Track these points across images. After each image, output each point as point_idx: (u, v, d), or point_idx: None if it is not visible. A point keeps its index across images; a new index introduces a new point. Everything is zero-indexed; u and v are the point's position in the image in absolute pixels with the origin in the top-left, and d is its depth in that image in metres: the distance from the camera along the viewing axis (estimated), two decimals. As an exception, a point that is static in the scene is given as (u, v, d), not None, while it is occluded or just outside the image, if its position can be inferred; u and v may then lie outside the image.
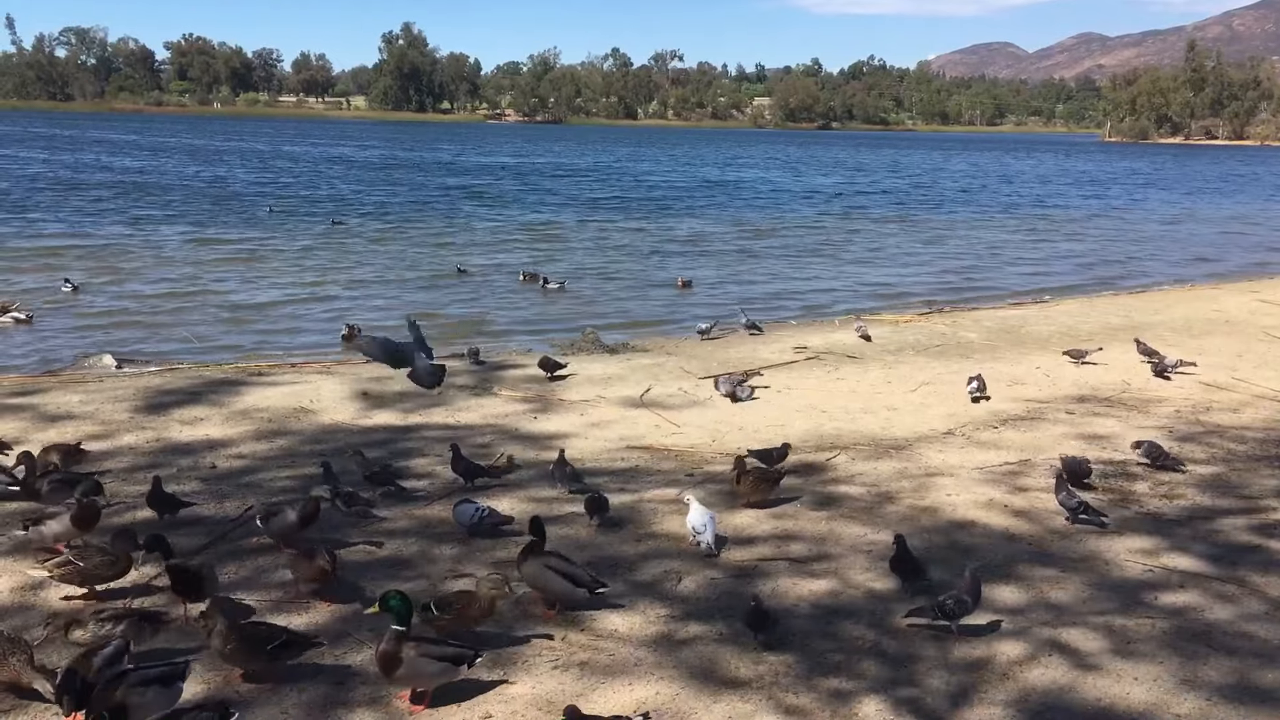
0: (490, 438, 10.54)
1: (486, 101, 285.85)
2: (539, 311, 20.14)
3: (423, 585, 6.92)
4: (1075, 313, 20.01)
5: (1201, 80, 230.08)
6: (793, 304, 21.77)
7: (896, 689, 5.75)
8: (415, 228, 33.69)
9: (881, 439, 10.86)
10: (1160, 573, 7.34)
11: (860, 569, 7.31)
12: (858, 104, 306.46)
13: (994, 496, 8.92)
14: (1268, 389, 13.24)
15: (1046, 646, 6.26)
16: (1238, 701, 5.66)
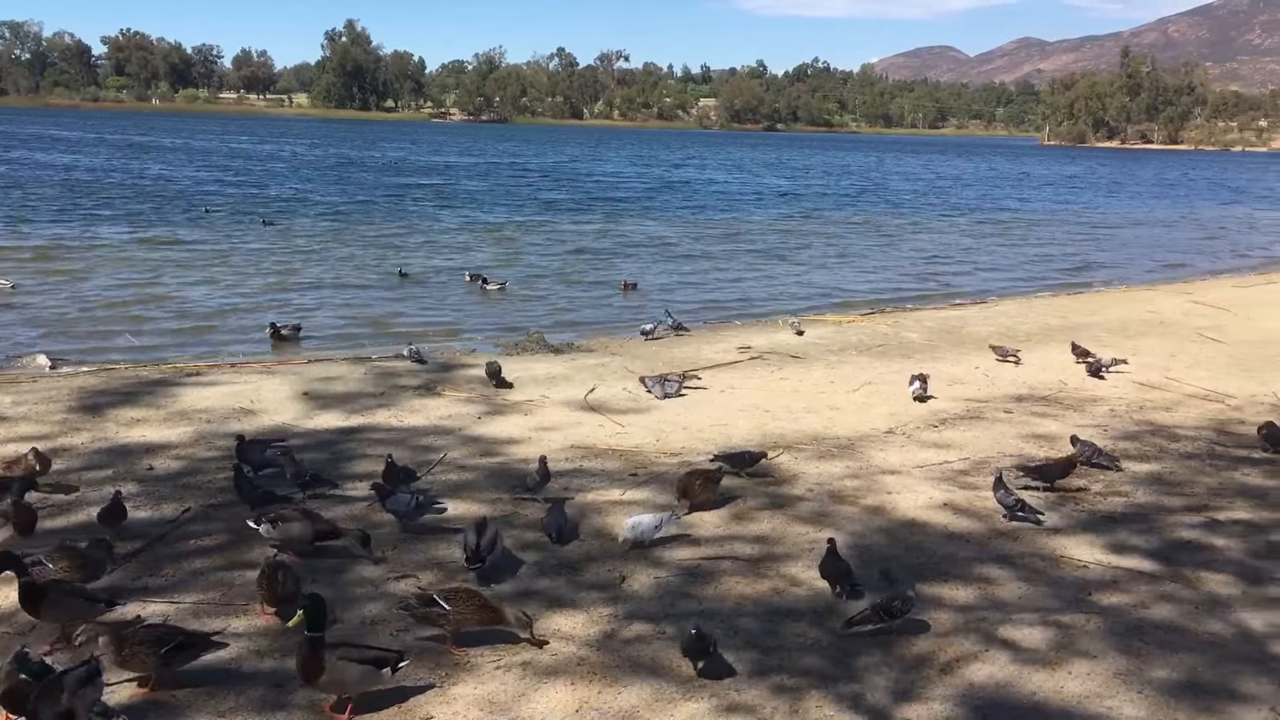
0: (435, 439, 10.46)
1: (431, 100, 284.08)
2: (484, 312, 20.03)
3: (366, 590, 6.87)
4: (1014, 313, 20.31)
5: (1137, 85, 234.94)
6: (740, 305, 21.84)
7: (841, 685, 5.80)
8: (364, 228, 33.24)
9: (824, 438, 10.94)
10: (1099, 569, 7.48)
11: (804, 568, 7.36)
12: (802, 106, 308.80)
13: (935, 495, 9.03)
14: (1200, 388, 13.53)
15: (988, 643, 6.35)
16: (1174, 696, 5.78)
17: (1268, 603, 6.94)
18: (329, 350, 15.78)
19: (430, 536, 7.81)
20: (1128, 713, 5.61)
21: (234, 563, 7.20)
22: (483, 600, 6.17)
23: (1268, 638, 6.46)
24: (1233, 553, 7.81)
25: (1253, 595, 7.06)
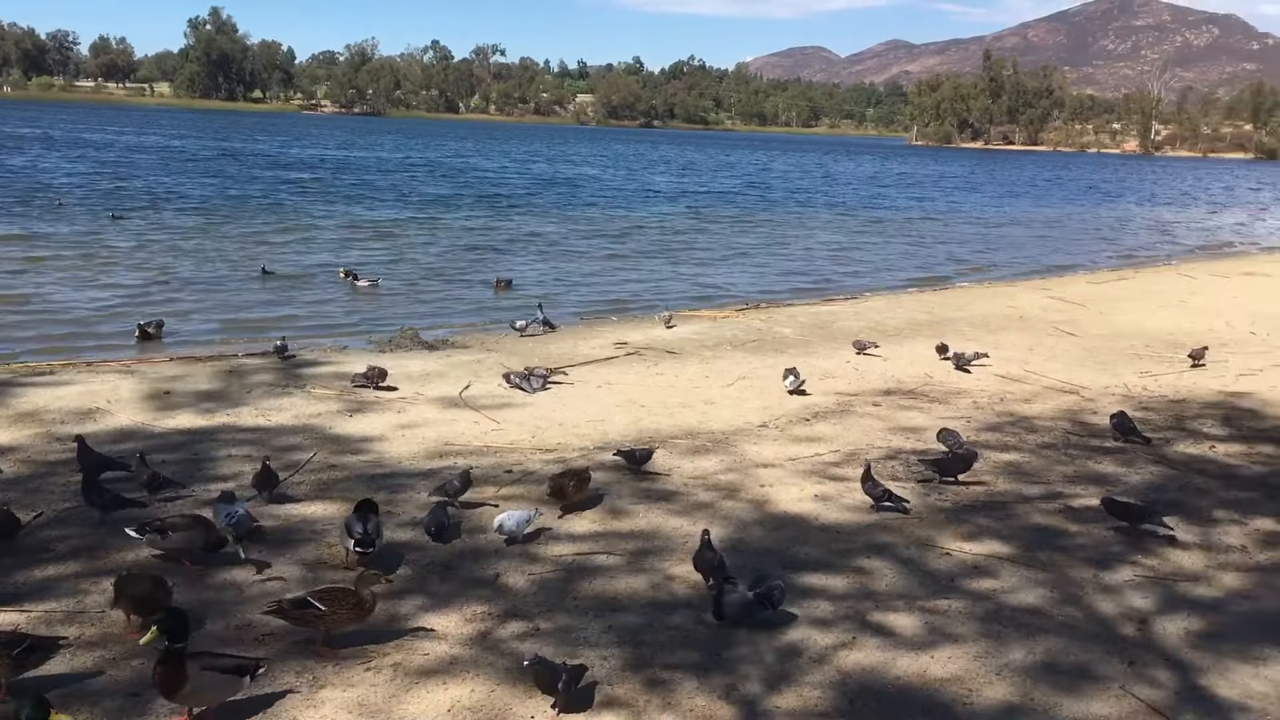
0: (300, 439, 10.21)
1: (301, 91, 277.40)
2: (356, 309, 19.65)
3: (230, 595, 6.68)
4: (884, 309, 20.81)
5: (999, 88, 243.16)
6: (618, 301, 21.87)
7: (716, 677, 5.85)
8: (235, 223, 32.10)
9: (699, 433, 11.04)
10: (962, 556, 7.71)
11: (678, 561, 7.41)
12: (679, 103, 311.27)
13: (807, 487, 9.19)
14: (1056, 380, 14.07)
15: (858, 630, 6.48)
16: (1032, 677, 5.99)
17: (1117, 587, 7.25)
18: (194, 348, 15.25)
19: (296, 537, 7.62)
20: (988, 694, 5.79)
21: (89, 570, 6.91)
22: (357, 597, 6.06)
23: (1117, 620, 6.75)
24: (1085, 539, 8.14)
25: (1103, 580, 7.36)
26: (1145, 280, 26.91)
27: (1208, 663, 6.21)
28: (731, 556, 7.27)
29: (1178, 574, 7.50)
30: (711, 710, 5.53)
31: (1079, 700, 5.76)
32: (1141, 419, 11.56)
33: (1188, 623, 6.73)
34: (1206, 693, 5.87)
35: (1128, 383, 14.10)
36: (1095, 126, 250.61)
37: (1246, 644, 6.46)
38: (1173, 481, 9.64)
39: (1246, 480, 9.79)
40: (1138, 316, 19.98)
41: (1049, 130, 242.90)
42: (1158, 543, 8.05)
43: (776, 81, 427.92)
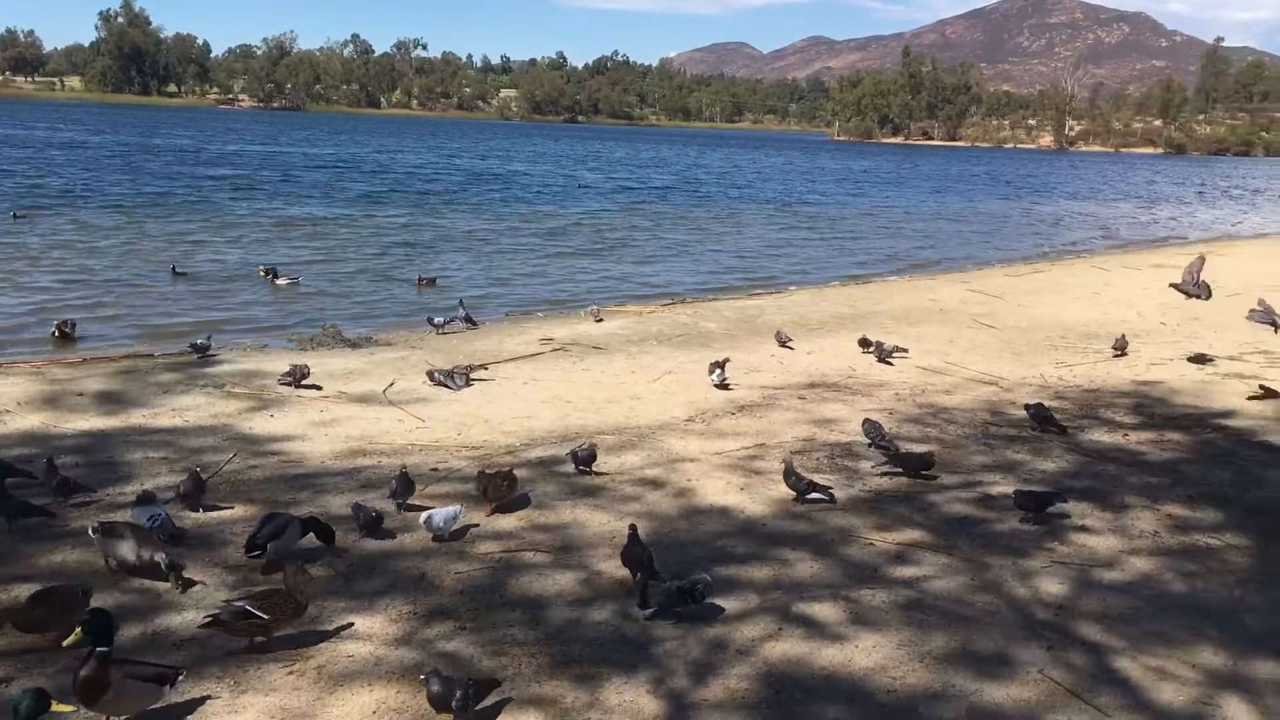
0: (216, 439, 10.01)
1: (217, 86, 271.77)
2: (278, 307, 19.31)
3: (145, 600, 6.53)
4: (807, 303, 21.01)
5: (918, 84, 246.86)
6: (545, 297, 21.76)
7: (642, 671, 5.87)
8: (155, 221, 31.17)
9: (626, 428, 11.05)
10: (885, 546, 7.82)
11: (605, 557, 7.41)
12: (603, 98, 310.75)
13: (733, 480, 9.24)
14: (975, 372, 14.34)
15: (783, 622, 6.54)
16: (953, 664, 6.10)
17: (1033, 573, 7.41)
18: (110, 349, 14.88)
19: (215, 540, 7.48)
20: (911, 682, 5.89)
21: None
22: (293, 600, 6.00)
23: (1034, 605, 6.90)
24: (1003, 526, 8.31)
25: (1020, 566, 7.52)
26: (1060, 273, 27.51)
27: (1122, 645, 6.37)
28: (658, 551, 7.28)
29: (1092, 559, 7.68)
30: (639, 705, 5.54)
31: (999, 685, 5.88)
32: (1057, 408, 11.83)
33: (1102, 606, 6.90)
34: (1121, 674, 6.03)
35: (1044, 373, 14.41)
36: (1012, 122, 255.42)
37: (1158, 625, 6.64)
38: (1086, 469, 9.87)
39: (1157, 466, 10.06)
40: (1053, 308, 20.43)
41: (967, 126, 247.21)
42: (1072, 530, 8.25)
43: (700, 77, 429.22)
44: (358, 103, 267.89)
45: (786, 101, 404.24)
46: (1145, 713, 5.66)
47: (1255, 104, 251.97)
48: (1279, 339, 17.05)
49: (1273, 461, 10.29)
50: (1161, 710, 5.69)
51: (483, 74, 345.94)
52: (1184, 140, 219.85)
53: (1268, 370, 14.64)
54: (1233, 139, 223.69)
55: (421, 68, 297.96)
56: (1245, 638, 6.52)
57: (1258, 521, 8.58)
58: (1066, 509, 8.48)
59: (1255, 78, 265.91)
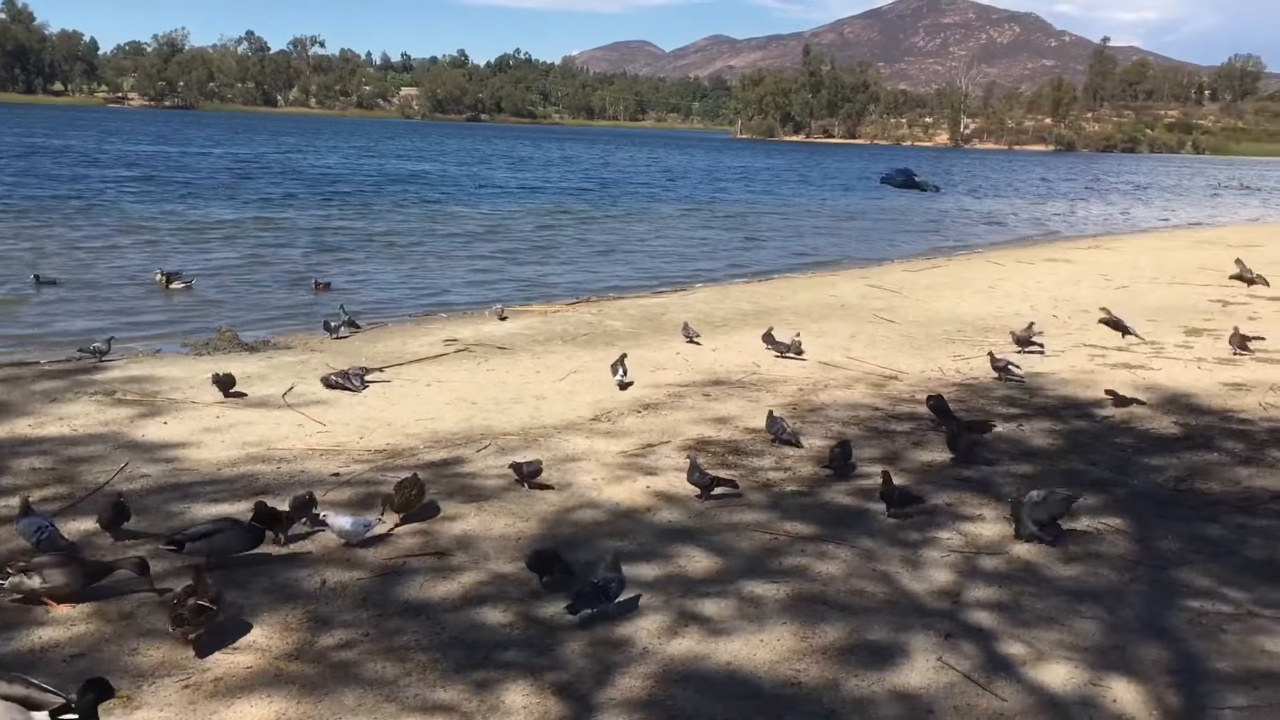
0: (104, 448, 9.70)
1: (106, 84, 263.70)
2: (172, 312, 18.81)
3: (12, 616, 6.30)
4: (712, 300, 21.16)
5: (818, 83, 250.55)
6: (451, 297, 21.53)
7: (542, 674, 5.84)
8: (47, 226, 29.77)
9: (531, 429, 10.99)
10: (784, 540, 7.90)
11: (507, 560, 7.36)
12: (506, 96, 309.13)
13: (638, 479, 9.25)
14: (876, 366, 14.58)
15: (686, 618, 6.57)
16: (853, 655, 6.18)
17: (926, 563, 7.56)
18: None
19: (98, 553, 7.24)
20: (814, 674, 5.96)
21: None
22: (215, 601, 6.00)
23: (928, 595, 7.04)
24: (900, 518, 8.46)
25: (914, 557, 7.66)
26: (957, 268, 28.15)
27: (1014, 631, 6.53)
28: (563, 552, 7.26)
29: (983, 548, 7.86)
30: (545, 708, 5.51)
31: (899, 673, 5.98)
32: (955, 400, 12.09)
33: (994, 594, 7.06)
34: (1014, 660, 6.18)
35: (943, 366, 14.71)
36: (909, 120, 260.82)
37: (1048, 611, 6.83)
38: (979, 458, 10.09)
39: (1045, 455, 10.34)
40: (950, 303, 20.88)
41: (866, 124, 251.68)
42: (963, 519, 8.43)
43: (603, 75, 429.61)
44: (253, 101, 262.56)
45: (689, 100, 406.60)
46: (1039, 696, 5.81)
47: (1140, 102, 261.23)
48: (1164, 330, 17.67)
49: (1150, 448, 10.65)
50: (1054, 693, 5.84)
51: (383, 72, 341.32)
52: (1073, 138, 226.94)
53: (1154, 360, 15.16)
54: (1119, 136, 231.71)
55: (319, 65, 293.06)
56: (1130, 620, 6.74)
57: (1136, 506, 8.87)
58: (925, 506, 8.61)
59: (1140, 76, 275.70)
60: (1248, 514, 8.72)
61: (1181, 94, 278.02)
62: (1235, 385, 13.56)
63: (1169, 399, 12.76)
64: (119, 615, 6.37)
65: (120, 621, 6.29)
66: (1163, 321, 18.59)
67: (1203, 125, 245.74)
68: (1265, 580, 7.38)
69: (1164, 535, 8.21)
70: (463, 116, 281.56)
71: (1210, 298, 22.11)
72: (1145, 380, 13.81)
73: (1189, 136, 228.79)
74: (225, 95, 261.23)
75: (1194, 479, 9.67)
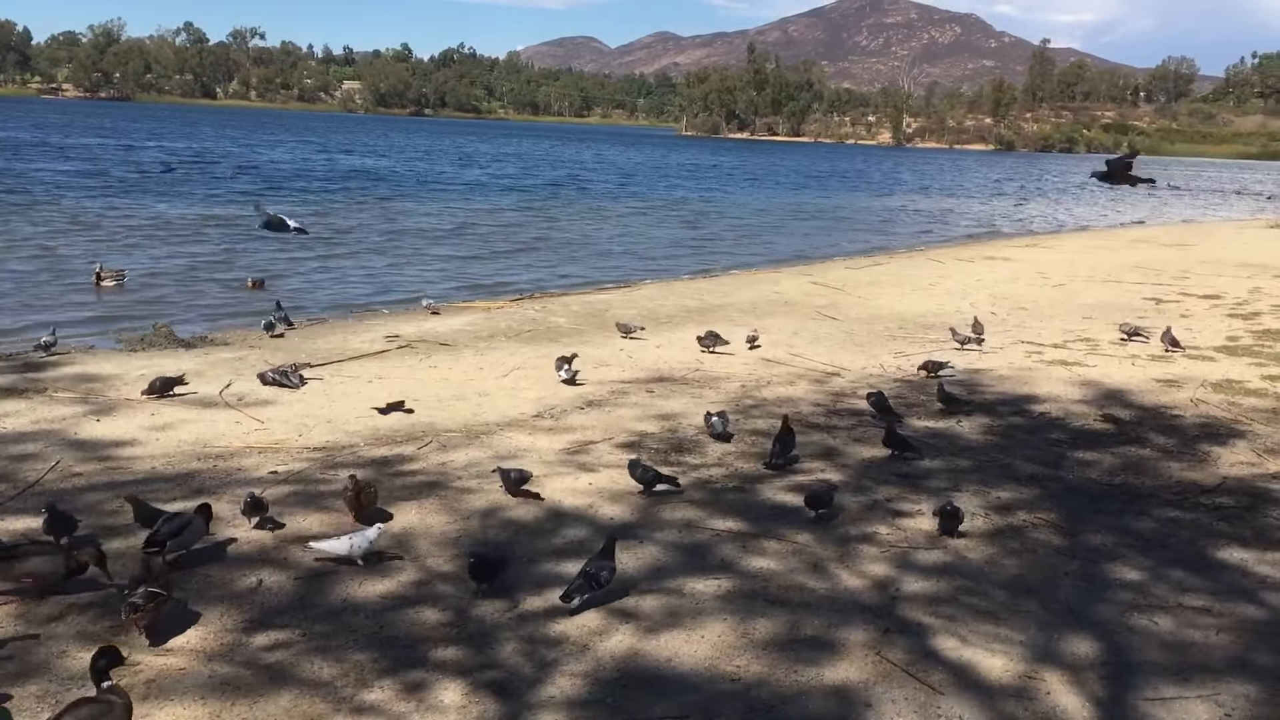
0: (37, 446, 9.49)
1: (40, 74, 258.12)
2: (106, 307, 18.44)
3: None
4: (656, 296, 21.19)
5: (763, 81, 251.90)
6: (396, 294, 21.31)
7: (479, 673, 5.81)
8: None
9: (473, 425, 10.93)
10: (722, 536, 7.93)
11: (444, 559, 7.32)
12: (450, 91, 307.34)
13: (581, 476, 9.23)
14: (819, 363, 14.69)
15: (621, 616, 6.57)
16: (793, 649, 6.23)
17: (861, 558, 7.64)
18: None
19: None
20: (754, 670, 5.99)
21: None
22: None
23: (864, 589, 7.11)
24: (840, 512, 8.53)
25: (850, 552, 7.73)
26: (899, 265, 28.45)
27: (950, 624, 6.61)
28: (505, 548, 7.24)
29: (918, 542, 7.95)
30: (484, 708, 5.49)
31: (838, 666, 6.03)
32: (896, 397, 12.21)
33: (930, 587, 7.15)
34: (950, 652, 6.26)
35: (884, 363, 14.86)
36: (853, 119, 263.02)
37: (983, 604, 6.92)
38: (923, 455, 10.21)
39: (981, 450, 10.48)
40: (892, 300, 21.09)
41: (810, 122, 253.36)
42: (899, 515, 8.52)
43: (548, 71, 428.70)
44: (192, 93, 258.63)
45: (635, 96, 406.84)
46: (975, 688, 5.89)
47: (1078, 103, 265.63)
48: (1099, 328, 18.00)
49: (1083, 443, 10.84)
50: (990, 684, 5.93)
51: (325, 65, 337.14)
52: (1013, 137, 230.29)
53: (1089, 357, 15.43)
54: (1058, 136, 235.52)
55: (260, 58, 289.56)
56: (1063, 613, 6.85)
57: (1070, 501, 9.03)
58: (837, 508, 8.51)
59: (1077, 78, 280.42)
60: (1179, 508, 8.92)
61: (1118, 95, 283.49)
62: (1168, 381, 13.84)
63: (1103, 395, 12.99)
64: (46, 618, 6.24)
65: (49, 623, 6.17)
66: (1098, 319, 18.93)
67: (1138, 126, 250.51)
68: (1194, 573, 7.55)
69: (1096, 529, 8.37)
70: (406, 111, 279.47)
71: (1145, 295, 22.57)
72: (1080, 376, 14.05)
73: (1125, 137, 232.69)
74: (163, 87, 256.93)
75: (1126, 474, 9.87)
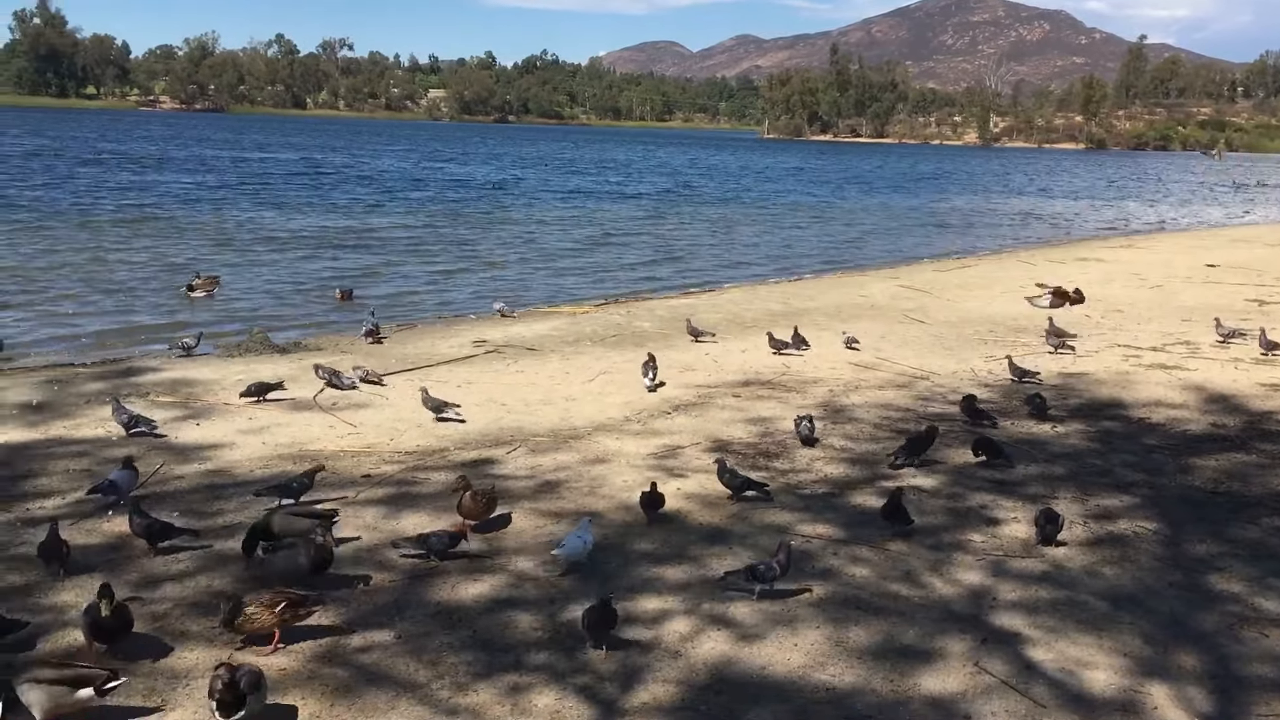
0: (139, 449, 9.76)
1: (138, 87, 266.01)
2: (203, 314, 18.89)
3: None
4: (741, 300, 21.09)
5: (846, 82, 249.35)
6: (484, 299, 21.42)
7: (571, 677, 5.82)
8: (90, 230, 29.90)
9: (561, 430, 10.98)
10: (816, 543, 7.84)
11: (536, 562, 7.35)
12: (533, 98, 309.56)
13: (668, 480, 9.21)
14: (907, 366, 14.48)
15: (713, 622, 6.53)
16: (889, 659, 6.13)
17: (957, 566, 7.50)
18: (35, 358, 14.45)
19: (133, 552, 7.28)
20: (849, 679, 5.91)
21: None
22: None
23: (960, 598, 6.97)
24: (933, 520, 8.39)
25: (946, 560, 7.60)
26: (988, 267, 27.95)
27: (1050, 635, 6.46)
28: (595, 551, 7.26)
29: (1016, 551, 7.78)
30: (577, 713, 5.49)
31: (935, 677, 5.92)
32: (988, 402, 11.99)
33: (1028, 597, 6.99)
34: (1051, 664, 6.10)
35: (974, 367, 14.60)
36: (937, 119, 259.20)
37: (1083, 615, 6.75)
38: (1017, 461, 10.00)
39: (1078, 456, 10.23)
40: (981, 303, 20.72)
41: (894, 123, 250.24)
42: (995, 522, 8.35)
43: (630, 76, 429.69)
44: (283, 104, 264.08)
45: (716, 100, 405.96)
46: (1078, 701, 5.74)
47: (1172, 100, 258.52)
48: (1199, 330, 17.48)
49: (1186, 450, 10.52)
50: (1094, 698, 5.77)
51: (410, 74, 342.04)
52: (1104, 136, 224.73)
53: (1189, 360, 14.99)
54: (1151, 134, 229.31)
55: (348, 68, 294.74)
56: (1167, 625, 6.65)
57: (1173, 509, 8.76)
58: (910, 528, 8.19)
59: (1172, 74, 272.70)
60: (1287, 517, 8.60)
61: (1214, 91, 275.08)
62: (1274, 386, 13.38)
63: (1205, 400, 12.60)
64: (151, 616, 6.40)
65: (154, 622, 6.32)
66: (1198, 321, 18.38)
67: (1235, 123, 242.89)
68: (1307, 584, 7.27)
69: (1200, 538, 8.11)
70: (490, 118, 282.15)
71: (1247, 297, 21.87)
72: (1181, 380, 13.66)
73: (1221, 134, 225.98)
74: (255, 98, 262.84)
75: (1231, 481, 9.55)
